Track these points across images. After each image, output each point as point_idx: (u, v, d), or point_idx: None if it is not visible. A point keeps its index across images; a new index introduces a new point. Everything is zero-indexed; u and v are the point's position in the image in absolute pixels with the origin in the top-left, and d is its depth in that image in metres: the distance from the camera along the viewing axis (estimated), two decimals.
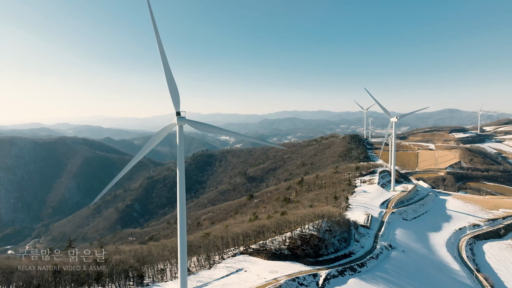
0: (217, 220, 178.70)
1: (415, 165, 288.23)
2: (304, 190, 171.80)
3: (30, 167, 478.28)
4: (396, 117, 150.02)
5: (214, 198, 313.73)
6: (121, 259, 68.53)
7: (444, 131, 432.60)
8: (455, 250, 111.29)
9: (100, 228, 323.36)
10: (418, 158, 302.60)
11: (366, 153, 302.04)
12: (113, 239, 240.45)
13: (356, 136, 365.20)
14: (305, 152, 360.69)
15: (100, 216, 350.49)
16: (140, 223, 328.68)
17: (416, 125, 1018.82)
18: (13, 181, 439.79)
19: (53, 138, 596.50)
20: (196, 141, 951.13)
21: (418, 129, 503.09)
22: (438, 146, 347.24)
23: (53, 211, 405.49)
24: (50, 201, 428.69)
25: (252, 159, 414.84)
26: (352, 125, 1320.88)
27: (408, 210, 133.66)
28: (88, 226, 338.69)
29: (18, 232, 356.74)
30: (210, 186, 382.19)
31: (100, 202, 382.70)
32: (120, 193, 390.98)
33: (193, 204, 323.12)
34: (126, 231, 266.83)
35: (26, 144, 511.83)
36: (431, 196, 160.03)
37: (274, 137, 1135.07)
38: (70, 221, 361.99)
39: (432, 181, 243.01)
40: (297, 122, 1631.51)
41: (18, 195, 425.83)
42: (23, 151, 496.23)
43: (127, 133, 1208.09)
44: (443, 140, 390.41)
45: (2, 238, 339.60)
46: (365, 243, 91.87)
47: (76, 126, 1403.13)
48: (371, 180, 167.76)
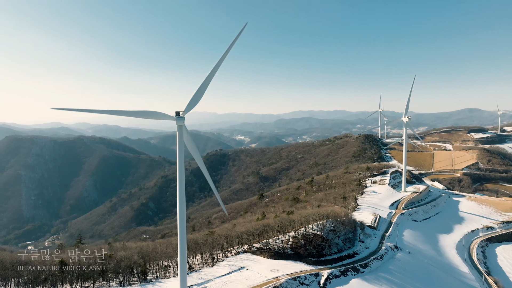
0: (228, 219, 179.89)
1: (431, 166, 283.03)
2: (314, 190, 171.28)
3: (49, 165, 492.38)
4: (408, 117, 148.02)
5: (227, 197, 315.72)
6: (126, 256, 70.29)
7: (462, 131, 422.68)
8: (465, 252, 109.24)
9: (116, 226, 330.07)
10: (434, 159, 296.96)
11: (380, 153, 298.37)
12: (127, 236, 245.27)
13: (370, 136, 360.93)
14: (318, 152, 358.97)
15: (116, 214, 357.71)
16: (155, 221, 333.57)
17: (434, 125, 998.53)
18: (34, 179, 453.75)
19: (72, 137, 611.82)
20: (211, 140, 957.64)
21: (435, 129, 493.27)
22: (455, 146, 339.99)
23: (71, 209, 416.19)
24: (69, 198, 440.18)
25: (265, 159, 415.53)
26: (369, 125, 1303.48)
27: (418, 211, 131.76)
28: (104, 224, 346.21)
29: (38, 229, 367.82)
30: (224, 185, 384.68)
31: (116, 200, 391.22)
32: (135, 192, 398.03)
33: (206, 203, 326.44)
34: (139, 228, 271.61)
35: (46, 143, 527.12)
36: (443, 198, 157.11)
37: (289, 137, 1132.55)
38: (87, 219, 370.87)
39: (448, 182, 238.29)
40: (313, 122, 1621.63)
41: (38, 192, 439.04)
42: (43, 150, 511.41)
43: (144, 133, 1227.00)
44: (461, 140, 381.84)
45: (23, 234, 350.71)
46: (371, 243, 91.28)
47: (95, 126, 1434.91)
48: (382, 180, 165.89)
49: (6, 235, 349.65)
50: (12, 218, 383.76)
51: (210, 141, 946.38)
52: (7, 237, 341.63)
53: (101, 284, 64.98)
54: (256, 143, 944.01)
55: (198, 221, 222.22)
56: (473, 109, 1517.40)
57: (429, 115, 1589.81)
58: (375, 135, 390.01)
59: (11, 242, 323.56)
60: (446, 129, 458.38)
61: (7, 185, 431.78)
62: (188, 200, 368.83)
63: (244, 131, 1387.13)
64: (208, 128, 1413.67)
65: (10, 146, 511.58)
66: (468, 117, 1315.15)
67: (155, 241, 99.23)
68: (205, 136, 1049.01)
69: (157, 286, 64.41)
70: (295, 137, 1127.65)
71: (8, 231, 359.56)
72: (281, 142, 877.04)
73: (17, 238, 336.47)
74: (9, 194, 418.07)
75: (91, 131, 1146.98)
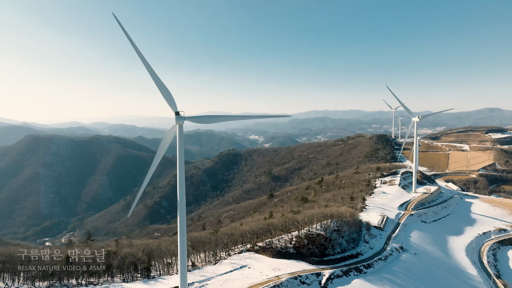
0: (237, 218, 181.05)
1: (445, 167, 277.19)
2: (323, 190, 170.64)
3: (67, 164, 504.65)
4: (418, 117, 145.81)
5: (239, 196, 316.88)
6: (130, 252, 72.00)
7: (480, 131, 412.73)
8: (475, 255, 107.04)
9: (130, 224, 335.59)
10: (449, 159, 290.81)
11: (394, 154, 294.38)
12: (140, 234, 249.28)
13: (384, 136, 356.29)
14: (330, 152, 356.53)
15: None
16: (167, 219, 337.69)
17: (453, 125, 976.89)
18: (52, 177, 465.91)
19: (88, 137, 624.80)
20: (225, 140, 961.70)
21: (452, 129, 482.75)
22: (472, 147, 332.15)
23: (87, 206, 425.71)
24: (85, 196, 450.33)
25: (277, 159, 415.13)
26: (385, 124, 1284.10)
27: (428, 213, 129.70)
28: (118, 222, 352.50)
29: (56, 225, 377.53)
30: (236, 184, 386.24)
31: (130, 199, 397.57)
32: (149, 190, 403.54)
33: (218, 202, 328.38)
34: (152, 226, 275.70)
35: (63, 142, 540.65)
36: (455, 199, 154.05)
37: (303, 137, 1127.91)
38: (102, 216, 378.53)
39: (463, 183, 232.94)
40: (328, 122, 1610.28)
41: (56, 190, 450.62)
42: (61, 149, 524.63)
43: (159, 132, 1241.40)
44: (478, 140, 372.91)
45: (42, 231, 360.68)
46: (375, 244, 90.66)
47: (112, 125, 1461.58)
48: (392, 181, 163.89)
49: (25, 231, 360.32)
50: (31, 215, 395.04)
51: (224, 140, 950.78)
52: (26, 233, 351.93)
53: (106, 279, 66.86)
54: (270, 142, 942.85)
55: (209, 219, 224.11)
56: (494, 108, 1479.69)
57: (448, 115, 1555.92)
58: (388, 135, 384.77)
59: (29, 238, 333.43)
60: (463, 129, 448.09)
61: (27, 182, 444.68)
62: (201, 199, 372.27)
63: (258, 130, 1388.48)
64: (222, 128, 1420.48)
65: (29, 145, 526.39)
66: (488, 117, 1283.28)
67: (160, 239, 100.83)
68: (219, 135, 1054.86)
69: (159, 283, 65.69)
70: (309, 137, 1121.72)
71: (27, 227, 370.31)
72: (295, 142, 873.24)
73: (35, 235, 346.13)
74: (28, 191, 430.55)
75: (108, 130, 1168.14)
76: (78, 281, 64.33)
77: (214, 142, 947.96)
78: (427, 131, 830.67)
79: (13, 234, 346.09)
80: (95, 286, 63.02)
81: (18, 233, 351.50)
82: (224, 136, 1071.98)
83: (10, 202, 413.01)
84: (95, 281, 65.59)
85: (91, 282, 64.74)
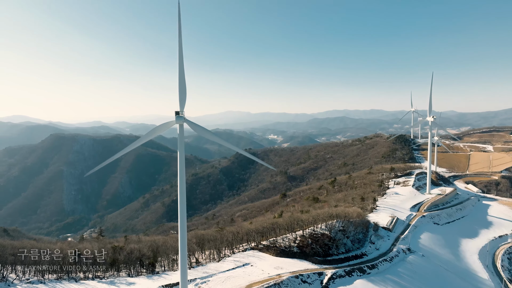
0: (250, 217, 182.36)
1: (466, 168, 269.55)
2: (336, 190, 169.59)
3: (89, 162, 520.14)
4: (433, 117, 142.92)
5: (254, 196, 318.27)
6: (136, 248, 74.17)
7: (505, 132, 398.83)
8: (488, 258, 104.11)
9: (148, 221, 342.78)
10: (470, 161, 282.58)
11: (412, 154, 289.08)
12: (156, 231, 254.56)
13: (402, 136, 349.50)
14: (347, 152, 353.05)
15: (148, 210, 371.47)
16: None
17: (478, 125, 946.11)
18: (74, 175, 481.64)
19: (109, 136, 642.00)
20: (243, 139, 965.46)
21: (475, 129, 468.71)
22: (496, 147, 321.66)
23: (107, 204, 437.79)
24: (105, 194, 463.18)
25: (294, 158, 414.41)
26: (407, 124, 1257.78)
27: (441, 214, 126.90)
28: (137, 219, 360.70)
29: (77, 222, 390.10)
30: (252, 184, 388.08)
31: (149, 197, 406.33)
32: (167, 189, 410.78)
33: (234, 202, 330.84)
34: (168, 224, 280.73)
35: (86, 141, 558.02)
36: (471, 201, 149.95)
37: (322, 137, 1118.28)
38: (122, 214, 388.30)
39: (484, 185, 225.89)
40: (348, 122, 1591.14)
41: (78, 187, 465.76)
42: (83, 147, 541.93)
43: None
44: (503, 141, 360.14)
45: (64, 226, 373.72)
46: (382, 245, 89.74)
47: (133, 125, 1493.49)
48: (406, 182, 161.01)
49: (49, 226, 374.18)
50: (54, 211, 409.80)
51: (242, 140, 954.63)
52: (49, 229, 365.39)
53: (112, 273, 69.21)
54: (288, 142, 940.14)
55: (223, 218, 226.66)
56: None
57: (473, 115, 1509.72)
58: (407, 135, 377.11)
59: (53, 233, 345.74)
60: (486, 129, 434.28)
61: (51, 180, 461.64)
62: (217, 198, 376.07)
63: (277, 130, 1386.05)
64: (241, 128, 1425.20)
65: (54, 143, 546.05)
66: None
67: (168, 236, 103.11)
68: (237, 135, 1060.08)
69: (162, 278, 67.45)
70: (328, 137, 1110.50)
71: (51, 223, 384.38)
72: (314, 141, 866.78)
73: (58, 230, 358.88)
74: (52, 188, 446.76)
75: (129, 129, 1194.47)
76: (85, 275, 66.88)
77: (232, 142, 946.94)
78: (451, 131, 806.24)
79: (38, 229, 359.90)
80: (101, 280, 65.40)
81: (42, 229, 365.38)
82: (243, 135, 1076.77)
83: (35, 199, 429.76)
84: (101, 275, 68.02)
85: (98, 276, 67.19)
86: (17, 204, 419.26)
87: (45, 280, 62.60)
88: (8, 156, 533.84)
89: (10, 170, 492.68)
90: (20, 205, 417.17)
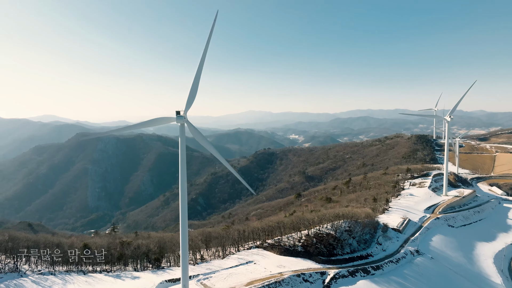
0: (264, 216, 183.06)
1: (490, 169, 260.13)
2: (350, 190, 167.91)
3: (112, 160, 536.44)
4: (450, 116, 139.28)
5: (272, 195, 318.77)
6: (143, 244, 76.73)
7: None
8: (504, 263, 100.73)
9: (168, 219, 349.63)
10: (495, 162, 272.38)
11: (433, 155, 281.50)
12: (175, 229, 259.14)
13: (424, 137, 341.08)
14: (366, 153, 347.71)
15: (168, 208, 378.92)
16: (203, 216, 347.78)
17: (510, 124, 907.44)
18: (98, 173, 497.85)
19: (132, 135, 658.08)
20: (264, 139, 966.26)
21: (503, 129, 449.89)
22: None
23: (129, 201, 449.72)
24: (128, 191, 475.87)
25: (312, 158, 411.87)
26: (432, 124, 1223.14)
27: (457, 217, 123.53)
28: (157, 216, 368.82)
29: (101, 218, 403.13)
30: (270, 183, 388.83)
31: (169, 195, 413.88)
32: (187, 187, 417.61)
33: (252, 201, 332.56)
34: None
35: (110, 140, 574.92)
36: (491, 203, 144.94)
37: (344, 137, 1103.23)
38: (143, 211, 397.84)
39: (509, 188, 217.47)
40: (371, 121, 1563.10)
41: (102, 185, 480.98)
42: (107, 146, 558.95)
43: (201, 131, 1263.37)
44: None
45: (88, 223, 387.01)
46: (389, 246, 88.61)
47: None
48: (422, 183, 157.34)
49: (74, 222, 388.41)
50: (79, 207, 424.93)
51: (263, 139, 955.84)
52: (74, 225, 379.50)
53: (119, 267, 71.98)
54: (309, 142, 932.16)
55: (238, 217, 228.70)
56: None
57: (504, 114, 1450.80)
58: (429, 135, 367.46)
59: (78, 229, 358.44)
60: None
61: (76, 177, 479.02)
62: (235, 197, 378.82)
63: (299, 130, 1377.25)
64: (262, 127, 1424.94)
65: (79, 142, 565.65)
66: None
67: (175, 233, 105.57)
68: (258, 135, 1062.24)
69: (167, 273, 69.54)
70: (351, 137, 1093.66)
71: (76, 219, 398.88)
72: (336, 141, 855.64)
73: (82, 226, 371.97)
74: (78, 185, 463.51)
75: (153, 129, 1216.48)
76: (93, 268, 69.92)
77: (253, 141, 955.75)
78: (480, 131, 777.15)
79: (64, 225, 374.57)
80: (108, 273, 68.22)
81: (68, 224, 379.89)
82: (264, 135, 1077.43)
83: (61, 195, 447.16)
84: (108, 268, 70.90)
85: (105, 269, 70.09)
86: (44, 200, 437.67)
87: (55, 272, 65.93)
88: (37, 154, 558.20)
89: (39, 167, 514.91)
90: (48, 201, 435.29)
